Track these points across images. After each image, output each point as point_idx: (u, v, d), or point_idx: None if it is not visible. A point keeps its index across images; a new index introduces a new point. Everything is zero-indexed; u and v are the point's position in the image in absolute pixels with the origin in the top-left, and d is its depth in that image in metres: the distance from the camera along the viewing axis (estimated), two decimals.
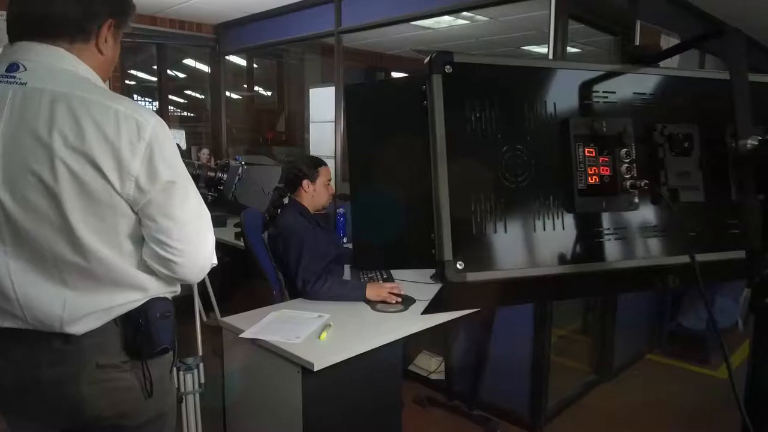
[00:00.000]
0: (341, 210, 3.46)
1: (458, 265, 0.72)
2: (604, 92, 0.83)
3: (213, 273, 2.51)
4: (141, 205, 1.10)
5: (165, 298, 1.25)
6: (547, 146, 0.78)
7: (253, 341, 1.89)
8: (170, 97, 5.15)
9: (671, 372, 3.60)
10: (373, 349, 1.89)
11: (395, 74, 6.42)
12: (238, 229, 3.81)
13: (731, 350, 3.89)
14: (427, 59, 0.74)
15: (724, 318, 3.79)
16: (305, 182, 2.53)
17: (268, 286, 2.52)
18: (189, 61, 5.45)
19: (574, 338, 3.63)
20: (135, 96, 5.12)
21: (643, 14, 3.01)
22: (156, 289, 1.21)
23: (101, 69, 1.17)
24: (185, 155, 4.07)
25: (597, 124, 0.79)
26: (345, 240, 3.43)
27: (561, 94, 0.80)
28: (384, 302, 2.24)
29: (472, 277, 0.72)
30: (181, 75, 5.48)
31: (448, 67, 0.73)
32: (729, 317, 3.88)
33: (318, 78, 5.54)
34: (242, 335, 1.91)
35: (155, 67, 4.91)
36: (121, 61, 4.32)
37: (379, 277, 2.56)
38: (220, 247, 3.75)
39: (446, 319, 2.17)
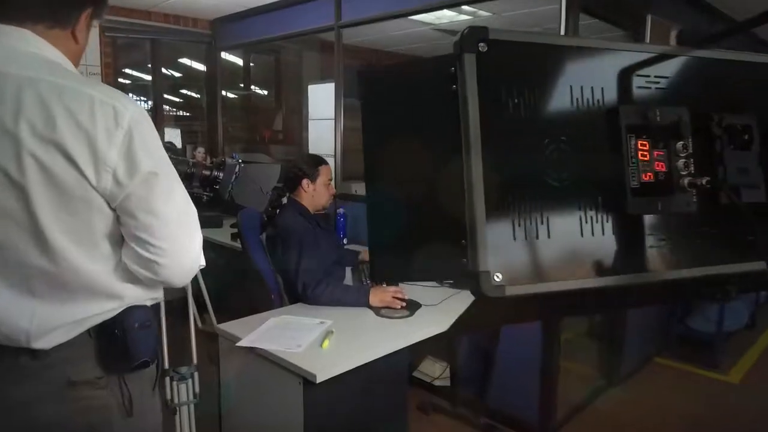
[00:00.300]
0: (341, 210, 3.35)
1: (496, 277, 0.61)
2: (655, 77, 0.72)
3: (208, 275, 2.40)
4: (119, 201, 0.99)
5: (144, 306, 1.13)
6: (593, 138, 0.68)
7: (252, 350, 1.79)
8: (165, 96, 5.03)
9: (680, 376, 3.51)
10: (378, 359, 1.78)
11: None
12: (235, 230, 3.71)
13: (740, 353, 3.82)
14: (457, 36, 0.64)
15: (733, 320, 3.71)
16: (305, 181, 2.43)
17: (266, 289, 2.41)
18: (185, 61, 5.34)
19: (581, 341, 3.53)
20: (130, 94, 4.99)
21: (653, 8, 2.92)
22: (135, 296, 1.10)
23: (74, 56, 1.07)
24: (180, 154, 3.97)
25: (651, 114, 0.69)
26: (345, 241, 3.33)
27: (609, 79, 0.69)
28: (388, 308, 2.14)
29: (512, 290, 0.61)
30: (177, 74, 5.35)
31: (482, 44, 0.63)
32: (739, 319, 3.80)
33: (316, 75, 5.42)
34: (239, 343, 1.80)
35: (150, 65, 4.79)
36: (114, 58, 4.21)
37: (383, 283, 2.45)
38: (216, 248, 3.65)
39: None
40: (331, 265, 2.42)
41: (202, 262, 1.17)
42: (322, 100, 3.76)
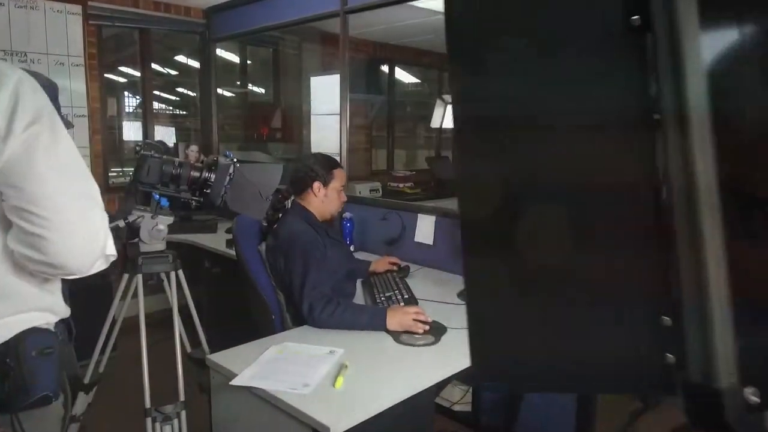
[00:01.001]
0: (348, 215, 3.04)
1: (751, 396, 0.30)
2: None
3: (199, 284, 2.09)
4: None
5: (45, 330, 0.95)
6: None
7: (250, 388, 1.48)
8: (156, 92, 4.70)
9: None
10: (400, 401, 1.48)
11: (401, 67, 6.03)
12: (231, 236, 3.39)
13: None
14: None
15: None
16: (317, 185, 2.11)
17: (265, 308, 2.10)
18: (180, 58, 5.03)
19: None
20: (125, 92, 4.68)
21: None
22: (29, 301, 0.92)
23: None
24: (172, 153, 3.62)
25: None
26: (351, 249, 3.03)
27: None
28: (409, 332, 1.83)
29: None
30: (172, 72, 5.03)
31: None
32: None
33: (317, 69, 5.10)
34: (234, 381, 1.49)
35: (139, 58, 4.46)
36: (100, 49, 3.88)
37: (399, 296, 2.14)
38: (210, 256, 3.33)
39: None
40: (341, 281, 2.12)
41: (112, 251, 0.97)
42: (326, 93, 3.45)
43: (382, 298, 2.14)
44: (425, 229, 2.80)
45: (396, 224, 2.99)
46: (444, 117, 5.05)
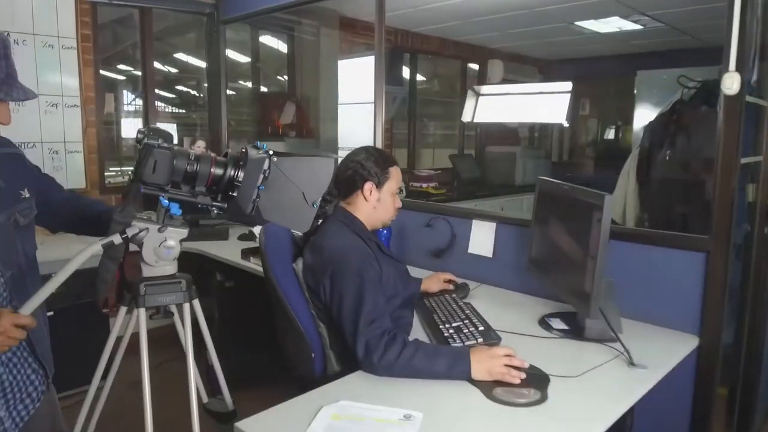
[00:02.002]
0: None
1: None
2: None
3: (204, 303, 1.60)
4: None
5: None
6: None
7: None
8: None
9: None
10: None
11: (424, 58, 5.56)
12: (246, 243, 2.93)
13: None
14: None
15: None
16: (368, 186, 1.66)
17: (301, 342, 1.63)
18: (180, 56, 4.57)
19: None
20: (124, 89, 4.22)
21: None
22: None
23: None
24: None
25: None
26: None
27: None
28: (502, 384, 1.36)
29: None
30: (173, 70, 4.56)
31: None
32: None
33: (334, 58, 4.63)
34: None
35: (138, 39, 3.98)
36: (94, 31, 3.41)
37: (471, 329, 1.68)
38: (222, 268, 2.87)
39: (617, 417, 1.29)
40: (399, 309, 1.66)
41: None
42: (354, 80, 2.98)
43: (450, 331, 1.68)
44: (483, 239, 2.34)
45: (443, 232, 2.53)
46: (475, 110, 4.58)
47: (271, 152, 1.31)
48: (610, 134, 5.97)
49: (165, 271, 1.34)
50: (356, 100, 2.96)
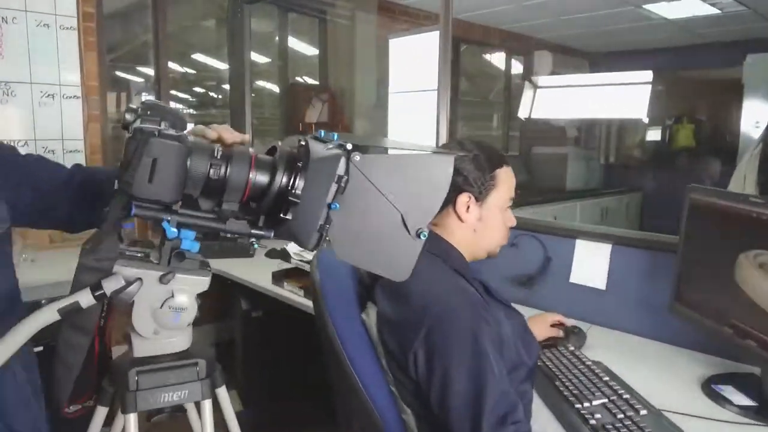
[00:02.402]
0: None
1: None
2: None
3: (226, 334, 1.02)
4: None
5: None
6: None
7: None
8: (172, 92, 3.74)
9: None
10: None
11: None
12: (277, 263, 2.35)
13: None
14: None
15: None
16: (464, 199, 1.13)
17: (373, 427, 1.09)
18: (198, 56, 4.08)
19: None
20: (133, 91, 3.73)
21: None
22: None
23: None
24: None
25: None
26: None
27: None
28: None
29: None
30: (190, 71, 4.06)
31: None
32: None
33: (371, 46, 4.10)
34: None
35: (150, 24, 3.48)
36: (98, 9, 2.91)
37: (629, 411, 1.12)
38: (247, 294, 2.34)
39: None
40: (522, 383, 1.10)
41: None
42: (409, 63, 2.44)
43: (596, 416, 1.12)
44: (593, 265, 1.78)
45: (533, 253, 1.97)
46: (533, 105, 4.01)
47: (349, 146, 0.76)
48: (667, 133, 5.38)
49: (172, 347, 0.80)
50: (412, 88, 2.41)
